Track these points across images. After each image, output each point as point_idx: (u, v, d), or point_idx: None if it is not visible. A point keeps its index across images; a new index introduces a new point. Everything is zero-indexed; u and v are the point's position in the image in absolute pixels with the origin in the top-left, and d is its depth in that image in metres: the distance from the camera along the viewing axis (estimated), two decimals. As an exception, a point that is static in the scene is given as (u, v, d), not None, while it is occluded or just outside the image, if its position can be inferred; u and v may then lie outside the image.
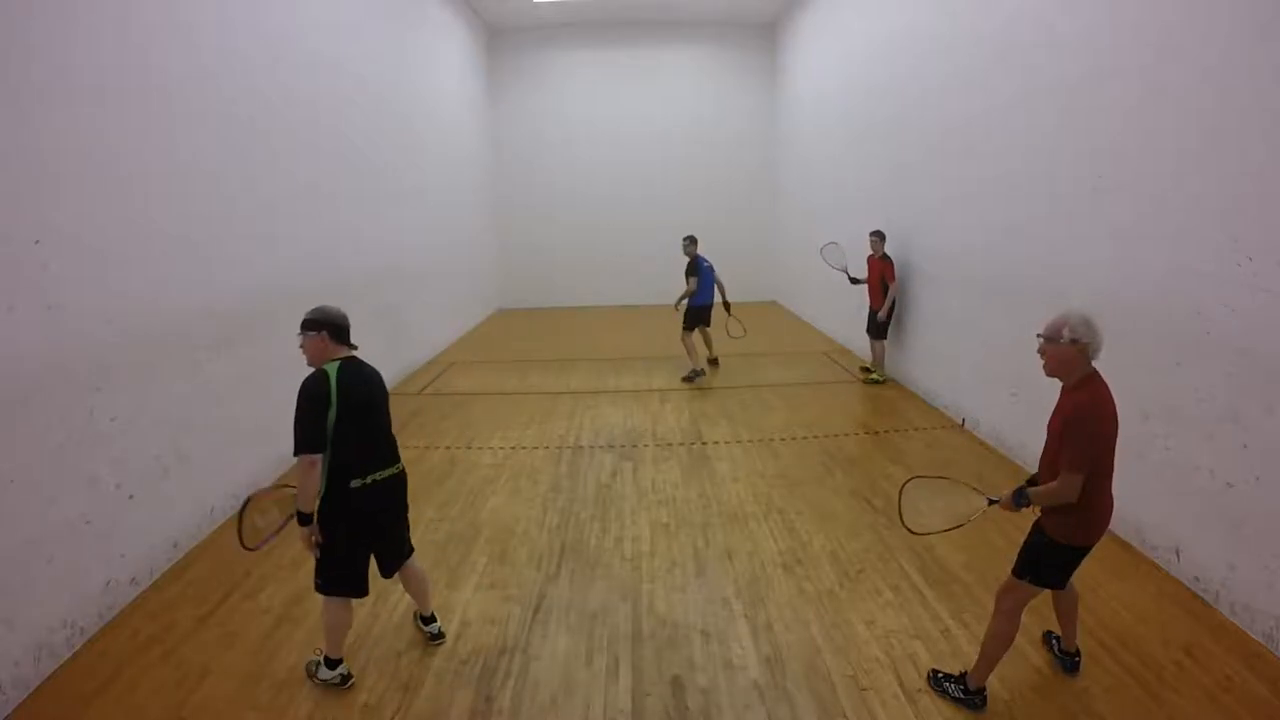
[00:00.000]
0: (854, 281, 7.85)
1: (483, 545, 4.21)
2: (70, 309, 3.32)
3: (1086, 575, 3.66)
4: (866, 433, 6.10)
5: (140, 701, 2.89)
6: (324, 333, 2.82)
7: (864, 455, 5.57)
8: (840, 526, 4.32)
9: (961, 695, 2.79)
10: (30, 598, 3.02)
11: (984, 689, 2.79)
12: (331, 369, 2.75)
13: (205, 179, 4.45)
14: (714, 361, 8.57)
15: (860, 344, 8.94)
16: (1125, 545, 4.00)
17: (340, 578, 2.86)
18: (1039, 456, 2.79)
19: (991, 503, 2.71)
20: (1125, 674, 2.93)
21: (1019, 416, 5.20)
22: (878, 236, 7.49)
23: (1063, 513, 2.59)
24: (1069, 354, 2.54)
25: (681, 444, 5.91)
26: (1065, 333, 2.53)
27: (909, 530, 2.85)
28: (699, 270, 8.05)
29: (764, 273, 14.14)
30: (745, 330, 8.29)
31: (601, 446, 5.90)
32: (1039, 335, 2.62)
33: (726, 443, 5.90)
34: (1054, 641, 3.10)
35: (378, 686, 2.97)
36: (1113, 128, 4.13)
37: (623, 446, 5.89)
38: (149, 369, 3.86)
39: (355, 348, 2.88)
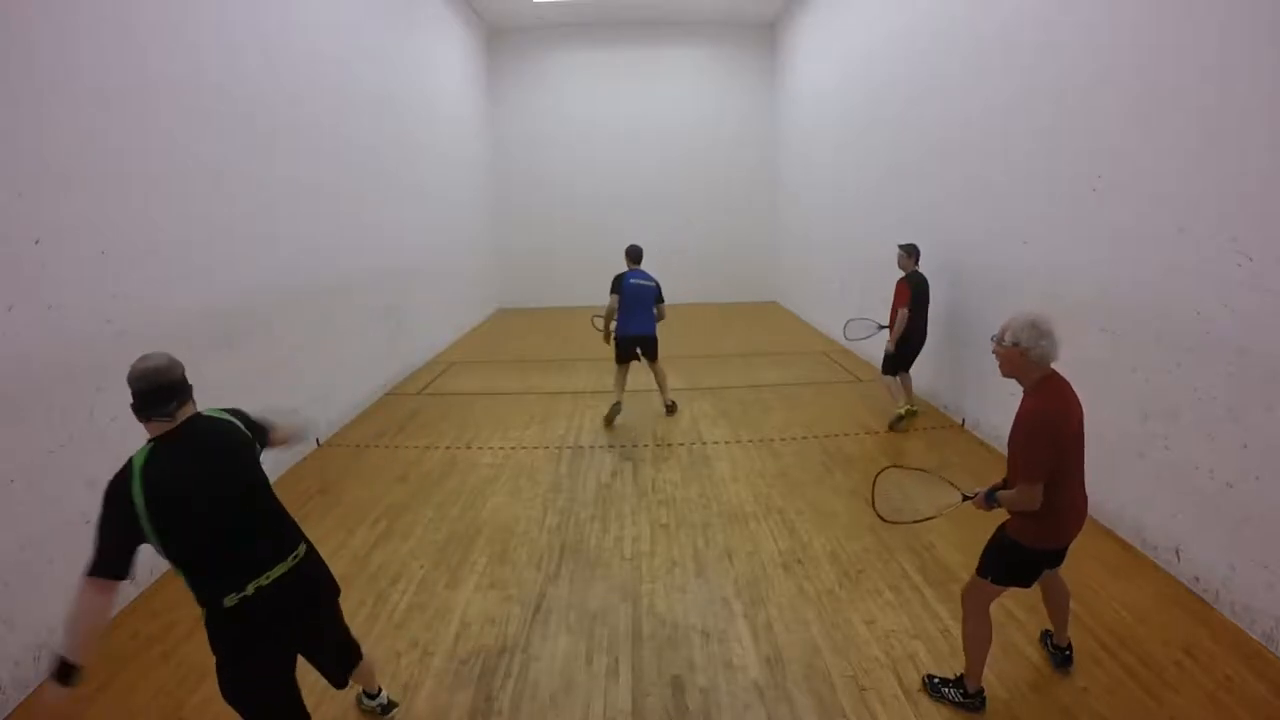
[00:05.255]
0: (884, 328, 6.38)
1: (483, 545, 4.21)
2: (70, 309, 3.32)
3: (1087, 575, 3.68)
4: (866, 433, 6.09)
5: (140, 701, 2.90)
6: (132, 407, 1.98)
7: (864, 455, 5.57)
8: (840, 526, 4.32)
9: (961, 699, 2.77)
10: (30, 598, 3.02)
11: (982, 689, 2.78)
12: (137, 459, 1.94)
13: (205, 179, 4.45)
14: (669, 408, 6.74)
15: (862, 346, 8.93)
16: (1125, 545, 4.00)
17: (260, 715, 2.15)
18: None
19: (966, 498, 2.71)
20: (1125, 674, 2.93)
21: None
22: (906, 252, 6.02)
23: (1027, 516, 2.56)
24: (1013, 356, 2.56)
25: (681, 444, 5.91)
26: (1007, 336, 2.56)
27: (880, 518, 2.85)
28: (620, 288, 6.44)
29: (764, 273, 14.16)
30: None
31: (601, 446, 5.90)
32: (991, 337, 2.66)
33: (726, 443, 5.90)
34: (1048, 638, 3.10)
35: (378, 686, 2.97)
36: (1113, 128, 4.13)
37: (623, 446, 5.89)
38: (149, 369, 3.85)
39: (168, 416, 1.99)
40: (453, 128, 11.09)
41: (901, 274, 5.99)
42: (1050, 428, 2.45)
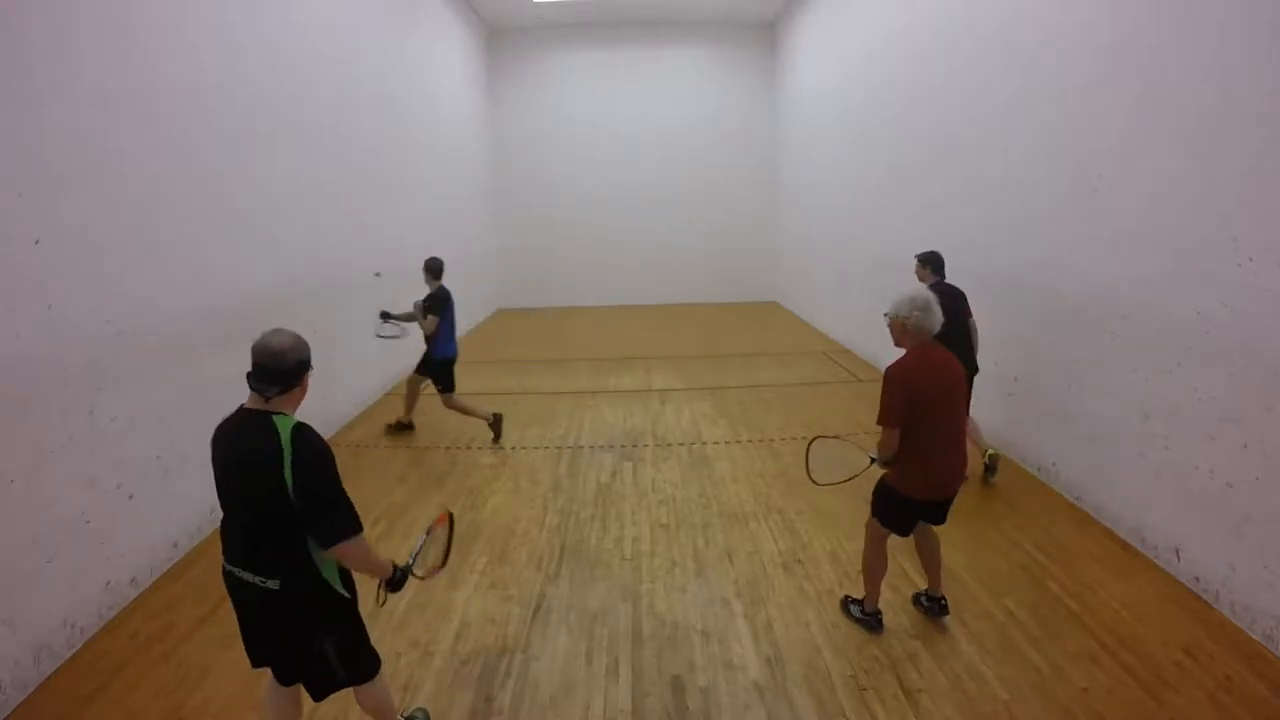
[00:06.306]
0: None
1: (483, 545, 4.21)
2: (70, 309, 3.32)
3: (1087, 575, 3.68)
4: (866, 432, 6.08)
5: (140, 701, 2.89)
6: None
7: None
8: (840, 527, 4.31)
9: (860, 615, 3.26)
10: (30, 598, 3.02)
11: (879, 611, 3.24)
12: (229, 416, 2.17)
13: (205, 179, 4.45)
14: (404, 426, 6.35)
15: (862, 347, 8.95)
16: (1125, 545, 4.00)
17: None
18: (1038, 452, 2.83)
19: (872, 460, 3.04)
20: (1125, 674, 2.93)
21: (1018, 414, 5.20)
22: (921, 263, 5.08)
23: (900, 465, 2.98)
24: (893, 326, 2.98)
25: (681, 444, 5.91)
26: (890, 309, 2.96)
27: (813, 481, 3.19)
28: (445, 309, 5.94)
29: (764, 273, 14.16)
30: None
31: (601, 446, 5.90)
32: (884, 314, 3.03)
33: (726, 443, 5.90)
34: (922, 598, 3.38)
35: (378, 686, 2.97)
36: (1113, 128, 4.13)
37: (623, 446, 5.89)
38: (149, 369, 3.86)
39: (263, 396, 2.08)
40: (453, 128, 11.08)
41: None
42: (901, 382, 2.85)
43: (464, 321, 11.54)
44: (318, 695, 2.30)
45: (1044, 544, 4.02)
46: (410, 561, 2.37)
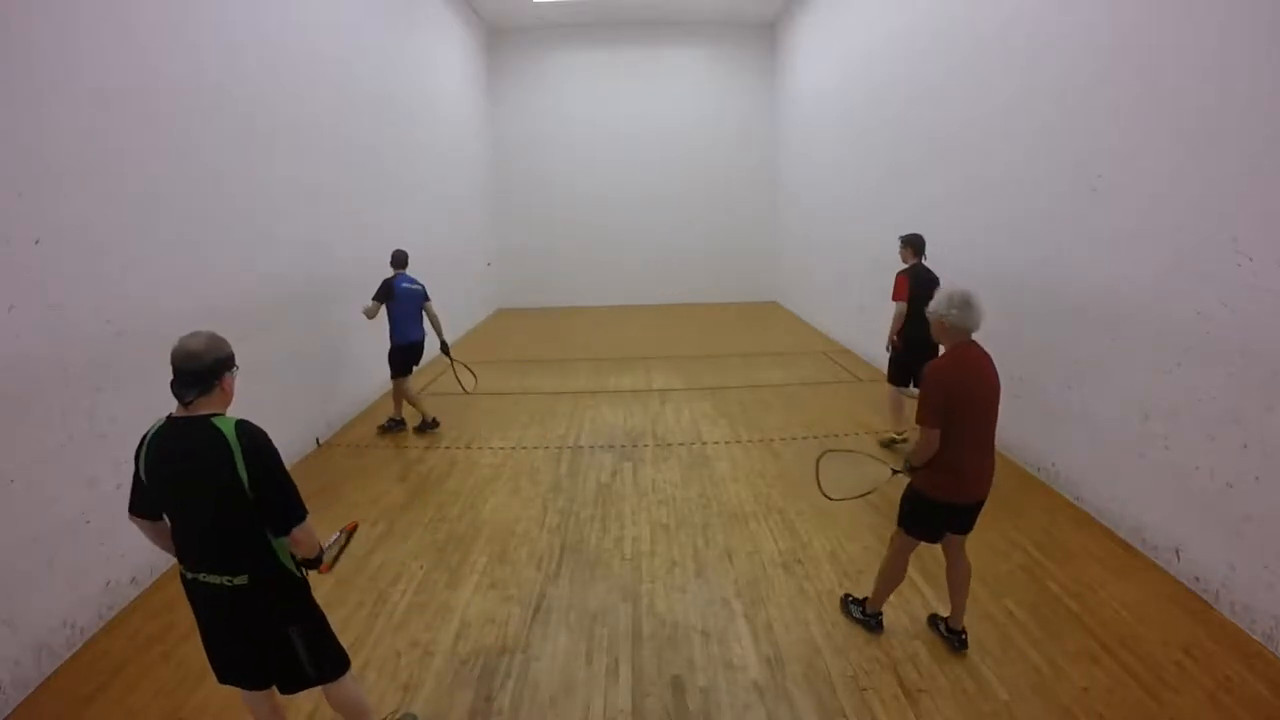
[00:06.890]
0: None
1: (483, 545, 4.21)
2: (70, 309, 3.32)
3: (1087, 575, 3.68)
4: (866, 432, 6.09)
5: (140, 701, 2.90)
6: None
7: (864, 455, 5.56)
8: (840, 527, 4.31)
9: (861, 616, 3.27)
10: (30, 598, 3.02)
11: (880, 614, 3.25)
12: (152, 427, 2.11)
13: (205, 178, 4.45)
14: (395, 423, 6.34)
15: (862, 346, 8.95)
16: (1125, 545, 4.00)
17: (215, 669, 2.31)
18: (1038, 452, 2.81)
19: (895, 472, 3.01)
20: (1125, 674, 2.93)
21: (1018, 414, 5.20)
22: (904, 243, 5.50)
23: (928, 467, 2.87)
24: (935, 323, 2.92)
25: (681, 444, 5.91)
26: (931, 305, 2.92)
27: (826, 496, 3.22)
28: (392, 293, 5.97)
29: (764, 273, 14.16)
30: (476, 380, 6.71)
31: (601, 446, 5.90)
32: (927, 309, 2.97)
33: (726, 443, 5.90)
34: (940, 623, 3.23)
35: (377, 686, 2.97)
36: (1113, 128, 4.13)
37: (623, 446, 5.89)
38: (149, 369, 3.83)
39: (182, 402, 2.06)
40: (453, 128, 11.08)
41: (904, 266, 5.44)
42: (941, 381, 2.78)
43: (464, 321, 11.63)
44: (286, 688, 2.31)
45: (1044, 544, 4.02)
46: (324, 548, 2.35)
